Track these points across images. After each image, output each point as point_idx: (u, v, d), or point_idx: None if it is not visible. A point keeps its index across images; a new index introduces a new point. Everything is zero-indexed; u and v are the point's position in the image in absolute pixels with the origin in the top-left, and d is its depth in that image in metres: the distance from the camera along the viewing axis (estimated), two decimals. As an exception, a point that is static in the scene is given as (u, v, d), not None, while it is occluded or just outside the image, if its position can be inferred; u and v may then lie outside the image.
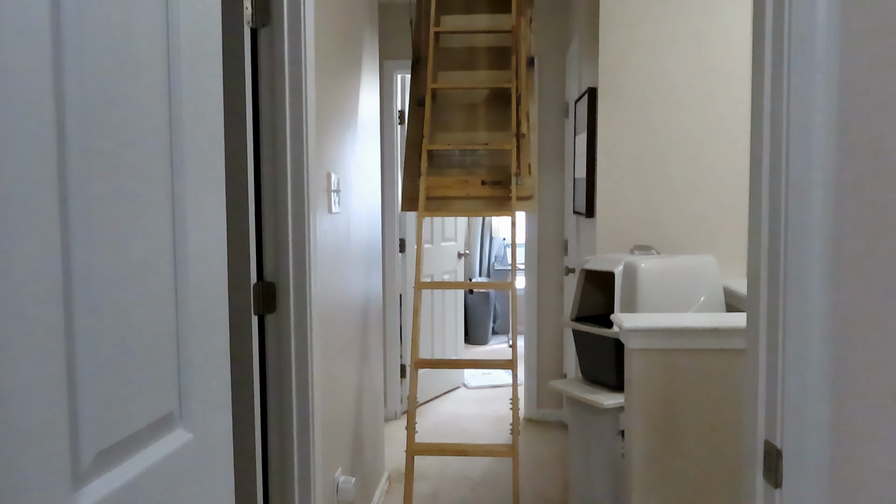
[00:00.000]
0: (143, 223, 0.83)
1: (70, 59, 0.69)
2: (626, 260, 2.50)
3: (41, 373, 0.65)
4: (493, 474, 3.46)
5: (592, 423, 2.45)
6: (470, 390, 5.03)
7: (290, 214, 1.83)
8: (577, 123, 3.49)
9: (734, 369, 1.85)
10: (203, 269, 0.97)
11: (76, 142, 0.70)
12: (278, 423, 1.88)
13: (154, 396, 0.86)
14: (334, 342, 2.32)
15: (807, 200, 0.84)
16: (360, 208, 2.76)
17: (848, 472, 0.80)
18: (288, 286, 1.84)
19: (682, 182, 2.98)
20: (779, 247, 0.90)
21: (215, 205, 1.02)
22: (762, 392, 0.94)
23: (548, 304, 4.29)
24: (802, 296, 0.85)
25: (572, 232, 3.90)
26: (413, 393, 2.72)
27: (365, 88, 2.90)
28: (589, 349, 2.57)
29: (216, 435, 1.02)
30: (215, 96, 1.03)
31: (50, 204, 0.66)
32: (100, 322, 0.74)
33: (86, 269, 0.72)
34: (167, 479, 0.88)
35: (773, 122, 0.92)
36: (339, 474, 2.39)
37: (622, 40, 2.97)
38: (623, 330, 1.93)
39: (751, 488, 0.97)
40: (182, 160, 0.91)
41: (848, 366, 0.79)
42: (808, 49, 0.83)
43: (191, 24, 0.94)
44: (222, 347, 1.04)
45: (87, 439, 0.72)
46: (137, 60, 0.82)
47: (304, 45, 1.84)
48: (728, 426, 1.86)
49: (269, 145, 1.82)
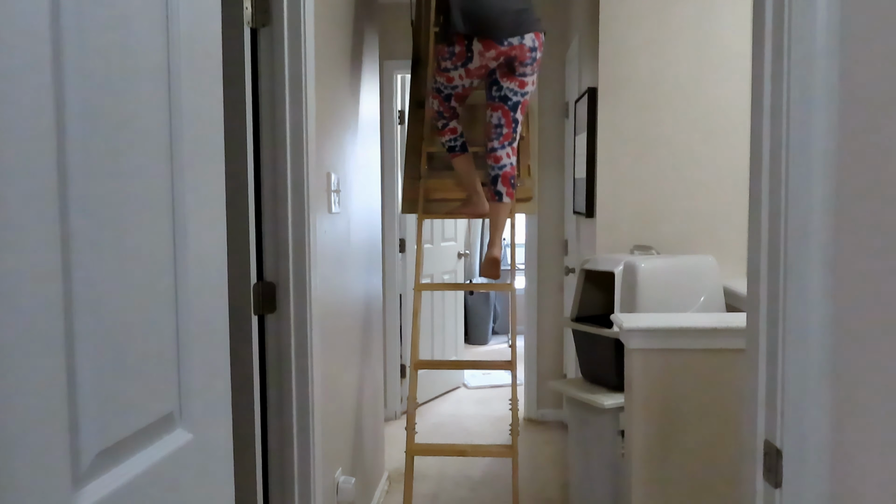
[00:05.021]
0: (142, 224, 0.83)
1: (70, 59, 0.69)
2: (626, 260, 2.50)
3: (41, 373, 0.65)
4: (493, 474, 3.46)
5: (592, 423, 2.45)
6: (470, 390, 5.03)
7: (290, 214, 1.83)
8: (577, 123, 3.49)
9: (734, 369, 1.85)
10: (203, 269, 0.97)
11: (76, 142, 0.70)
12: (278, 423, 1.88)
13: (154, 396, 0.86)
14: (334, 342, 2.32)
15: (807, 200, 0.84)
16: (360, 208, 2.76)
17: (848, 472, 0.80)
18: (288, 286, 1.84)
19: (682, 182, 2.98)
20: (779, 247, 0.90)
21: (215, 205, 1.02)
22: (762, 392, 0.94)
23: (548, 304, 4.29)
24: (802, 296, 0.85)
25: (572, 232, 3.90)
26: (413, 394, 2.72)
27: (365, 88, 2.90)
28: (589, 349, 2.57)
29: (216, 435, 1.02)
30: (215, 96, 1.03)
31: (50, 204, 0.66)
32: (100, 322, 0.74)
33: (86, 269, 0.72)
34: (167, 480, 0.88)
35: (772, 122, 0.92)
36: (339, 474, 2.39)
37: (622, 40, 2.98)
38: (623, 330, 1.93)
39: (751, 488, 0.97)
40: (182, 160, 0.91)
41: (848, 366, 0.79)
42: (808, 48, 0.83)
43: (191, 24, 0.94)
44: (222, 347, 1.04)
45: (88, 439, 0.72)
46: (137, 60, 0.82)
47: (304, 45, 1.84)
48: (728, 426, 1.86)
49: (269, 145, 1.82)
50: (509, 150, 2.73)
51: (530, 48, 2.57)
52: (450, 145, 2.82)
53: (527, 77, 2.65)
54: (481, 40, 2.52)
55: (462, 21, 2.50)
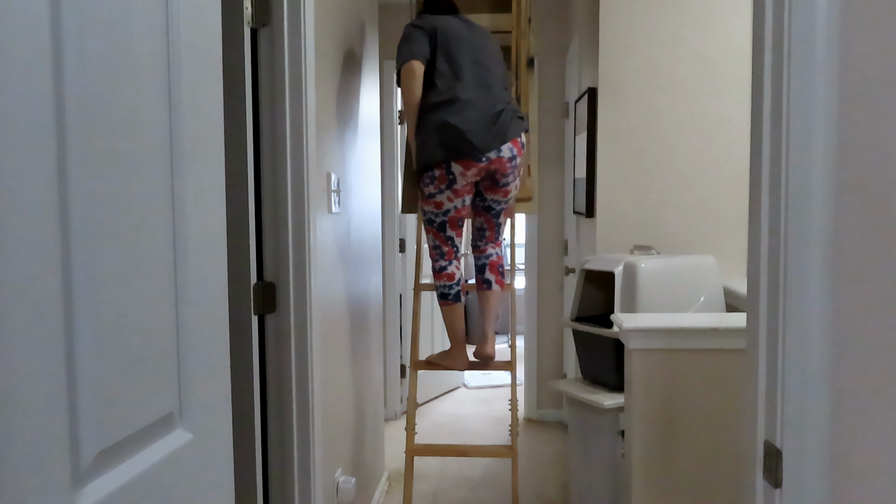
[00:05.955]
0: (142, 223, 0.83)
1: (70, 58, 0.69)
2: (626, 260, 2.50)
3: (41, 373, 0.65)
4: (493, 474, 3.46)
5: (592, 423, 2.45)
6: (470, 390, 5.03)
7: (290, 214, 1.83)
8: (577, 123, 3.49)
9: (734, 369, 1.85)
10: (203, 269, 0.97)
11: (76, 142, 0.70)
12: (278, 423, 1.88)
13: (154, 396, 0.86)
14: (334, 342, 2.32)
15: (807, 200, 0.84)
16: (360, 208, 2.76)
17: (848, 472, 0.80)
18: (288, 286, 1.84)
19: (682, 182, 2.99)
20: (779, 247, 0.90)
21: (215, 204, 1.02)
22: (762, 392, 0.94)
23: (548, 304, 4.29)
24: (802, 296, 0.85)
25: (572, 232, 3.90)
26: (413, 394, 2.72)
27: (365, 88, 2.90)
28: (589, 349, 2.57)
29: (216, 435, 1.02)
30: (215, 96, 1.03)
31: (50, 204, 0.66)
32: (100, 322, 0.74)
33: (86, 269, 0.72)
34: (167, 480, 0.88)
35: (773, 122, 0.92)
36: (339, 474, 2.39)
37: (622, 40, 2.98)
38: (623, 330, 1.93)
39: (751, 488, 0.97)
40: (182, 160, 0.91)
41: (848, 366, 0.79)
42: (808, 48, 0.83)
43: (191, 24, 0.94)
44: (222, 347, 1.04)
45: (88, 439, 0.72)
46: (137, 60, 0.82)
47: (304, 45, 1.84)
48: (728, 426, 1.86)
49: (269, 145, 1.82)
50: (493, 244, 2.68)
51: (509, 158, 2.44)
52: (442, 291, 2.61)
53: (510, 185, 2.54)
54: (458, 161, 2.39)
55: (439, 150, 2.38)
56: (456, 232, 2.58)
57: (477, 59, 2.49)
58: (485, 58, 2.51)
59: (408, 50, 2.46)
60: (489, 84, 2.47)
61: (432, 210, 2.53)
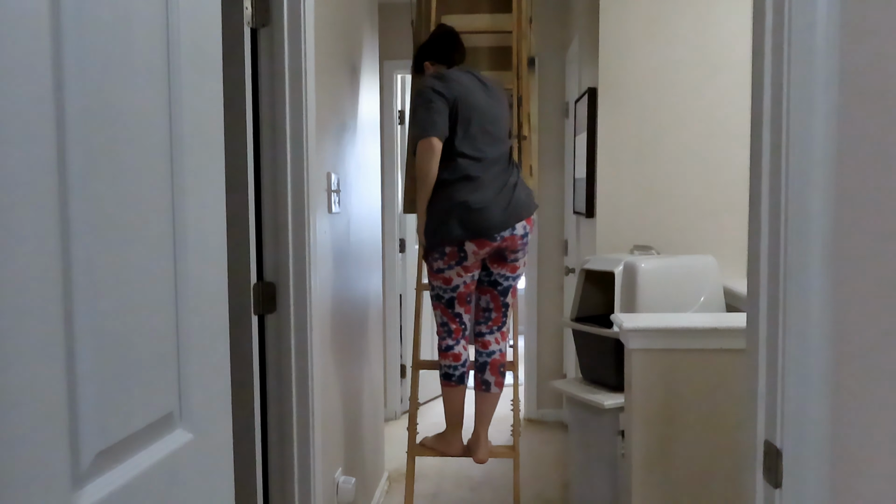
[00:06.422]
0: (142, 223, 0.83)
1: (70, 58, 0.69)
2: (626, 260, 2.50)
3: (41, 373, 0.65)
4: (494, 474, 3.46)
5: (592, 423, 2.44)
6: (470, 390, 5.02)
7: (290, 214, 1.83)
8: (577, 123, 3.49)
9: (734, 369, 1.85)
10: (203, 269, 0.97)
11: (76, 142, 0.70)
12: (278, 423, 1.88)
13: (154, 396, 0.86)
14: (334, 342, 2.32)
15: (807, 200, 0.84)
16: (360, 208, 2.76)
17: (848, 472, 0.80)
18: (288, 286, 1.84)
19: (682, 182, 2.99)
20: (779, 247, 0.90)
21: (215, 204, 1.02)
22: (762, 392, 0.94)
23: (548, 304, 4.29)
24: (802, 296, 0.85)
25: (572, 232, 3.90)
26: (415, 394, 2.72)
27: (365, 88, 2.90)
28: (589, 349, 2.57)
29: (216, 435, 1.02)
30: (215, 96, 1.03)
31: (50, 204, 0.66)
32: (100, 322, 0.74)
33: (86, 268, 0.72)
34: (167, 480, 0.88)
35: (773, 122, 0.92)
36: (339, 474, 2.39)
37: (622, 40, 2.98)
38: (623, 330, 1.93)
39: (751, 488, 0.97)
40: (182, 160, 0.91)
41: (848, 366, 0.79)
42: (808, 48, 0.83)
43: (191, 24, 0.94)
44: (222, 347, 1.04)
45: (87, 439, 0.72)
46: (138, 60, 0.82)
47: (304, 45, 1.84)
48: (728, 426, 1.86)
49: (269, 145, 1.82)
50: (499, 336, 2.57)
51: (521, 235, 2.42)
52: (446, 372, 2.53)
53: (518, 261, 2.50)
54: (473, 240, 2.34)
55: (456, 229, 2.32)
56: (465, 308, 2.51)
57: (492, 131, 2.41)
58: (498, 129, 2.44)
59: (430, 122, 2.33)
60: (503, 159, 2.43)
61: (440, 286, 2.46)
